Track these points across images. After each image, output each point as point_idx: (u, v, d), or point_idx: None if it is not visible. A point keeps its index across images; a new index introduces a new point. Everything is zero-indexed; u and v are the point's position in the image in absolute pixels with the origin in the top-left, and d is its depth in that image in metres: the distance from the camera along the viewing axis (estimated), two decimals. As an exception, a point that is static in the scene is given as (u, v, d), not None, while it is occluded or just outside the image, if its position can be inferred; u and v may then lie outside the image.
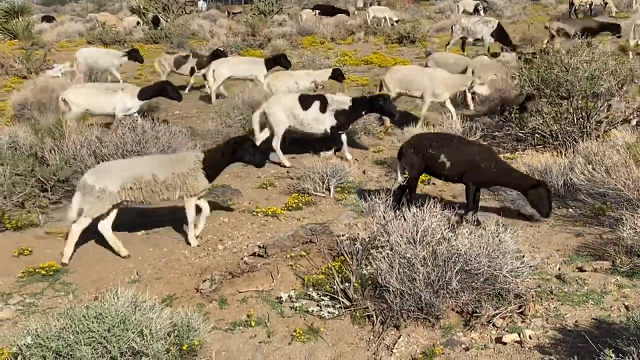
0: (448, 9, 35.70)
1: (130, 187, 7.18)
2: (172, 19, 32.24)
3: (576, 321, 5.42)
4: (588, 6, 29.14)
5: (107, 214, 7.35)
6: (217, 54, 17.42)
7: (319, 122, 10.96)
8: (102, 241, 7.53)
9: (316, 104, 11.01)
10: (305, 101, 11.12)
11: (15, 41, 28.69)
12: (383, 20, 30.30)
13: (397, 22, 30.19)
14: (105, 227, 7.39)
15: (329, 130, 10.93)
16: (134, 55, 17.92)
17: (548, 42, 19.17)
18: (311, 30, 28.30)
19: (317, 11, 34.08)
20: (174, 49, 26.07)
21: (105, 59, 17.53)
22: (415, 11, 36.23)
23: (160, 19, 32.29)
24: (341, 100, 11.07)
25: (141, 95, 12.29)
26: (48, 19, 39.51)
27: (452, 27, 21.91)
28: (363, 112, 11.09)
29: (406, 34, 24.76)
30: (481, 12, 29.80)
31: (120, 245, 7.35)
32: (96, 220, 7.25)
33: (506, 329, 5.38)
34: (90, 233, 7.70)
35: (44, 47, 25.48)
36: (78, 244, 7.41)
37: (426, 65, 15.70)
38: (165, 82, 13.37)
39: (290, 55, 21.23)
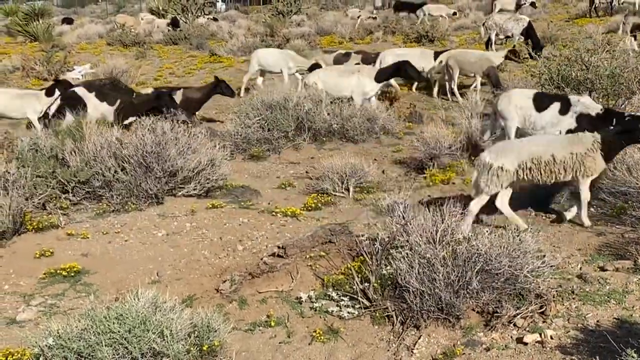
0: (467, 8, 35.60)
1: (530, 167, 7.30)
2: (191, 20, 32.37)
3: (598, 321, 5.37)
4: (608, 4, 28.93)
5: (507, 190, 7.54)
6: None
7: (556, 127, 9.36)
8: (122, 242, 7.57)
9: (555, 106, 9.50)
10: (541, 101, 9.71)
11: (36, 43, 28.92)
12: (440, 18, 30.04)
13: (454, 14, 30.20)
14: (503, 204, 7.56)
15: None
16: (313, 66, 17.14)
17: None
18: (329, 30, 28.33)
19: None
20: (193, 50, 26.22)
21: (279, 60, 17.13)
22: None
23: (179, 20, 32.44)
24: (589, 104, 9.31)
25: (378, 77, 12.73)
26: (68, 21, 39.72)
27: (483, 24, 21.81)
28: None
29: (425, 33, 24.72)
30: (525, 4, 29.56)
31: (520, 220, 7.39)
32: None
33: (527, 329, 5.34)
34: (111, 235, 7.76)
35: (64, 49, 25.66)
36: (99, 246, 7.46)
37: (447, 64, 15.59)
38: (403, 61, 13.45)
39: (309, 55, 21.27)
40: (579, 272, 6.23)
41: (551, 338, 5.17)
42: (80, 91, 12.04)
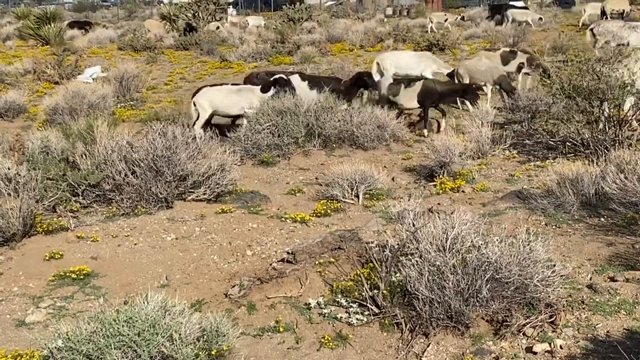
0: (478, 17, 35.59)
1: None
2: (202, 26, 32.46)
3: (608, 331, 5.35)
4: (619, 14, 28.89)
5: None
6: None
7: None
8: (132, 246, 7.58)
9: None
10: None
11: (47, 47, 29.05)
12: (524, 23, 29.90)
13: (540, 19, 30.13)
14: None
15: None
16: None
17: None
18: (340, 37, 28.36)
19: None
20: (204, 56, 26.27)
21: (420, 63, 16.13)
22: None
23: (195, 25, 32.53)
24: None
25: None
26: (79, 25, 39.66)
27: (591, 29, 21.34)
28: None
29: (435, 42, 24.70)
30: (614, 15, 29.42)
31: None
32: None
33: (537, 338, 5.33)
34: (121, 238, 7.77)
35: (75, 53, 25.76)
36: (108, 250, 7.47)
37: (457, 73, 15.52)
38: None
39: (319, 62, 21.33)
40: (589, 282, 6.20)
41: (561, 348, 5.15)
42: (295, 80, 13.15)
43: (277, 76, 12.85)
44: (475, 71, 15.03)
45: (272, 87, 12.55)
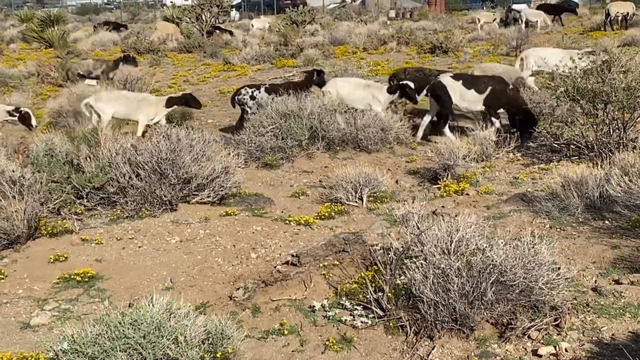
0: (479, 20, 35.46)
1: None
2: (204, 28, 32.52)
3: (613, 334, 5.34)
4: (624, 16, 28.85)
5: None
6: None
7: None
8: (136, 248, 7.58)
9: None
10: None
11: (51, 50, 29.10)
12: (537, 23, 30.04)
13: (547, 24, 30.03)
14: None
15: None
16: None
17: None
18: (343, 40, 28.36)
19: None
20: (207, 58, 26.30)
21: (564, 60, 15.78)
22: (448, 21, 36.13)
23: (220, 25, 32.60)
24: None
25: None
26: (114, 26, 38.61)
27: None
28: None
29: (439, 44, 24.68)
30: None
31: None
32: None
33: (542, 341, 5.32)
34: (125, 241, 7.77)
35: (79, 56, 25.80)
36: (113, 252, 7.47)
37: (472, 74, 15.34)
38: None
39: (322, 65, 21.33)
40: (593, 285, 6.19)
41: (566, 351, 5.14)
42: (446, 80, 12.63)
43: (402, 82, 12.92)
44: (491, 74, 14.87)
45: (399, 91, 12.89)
